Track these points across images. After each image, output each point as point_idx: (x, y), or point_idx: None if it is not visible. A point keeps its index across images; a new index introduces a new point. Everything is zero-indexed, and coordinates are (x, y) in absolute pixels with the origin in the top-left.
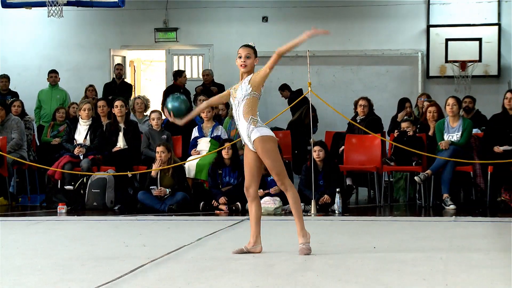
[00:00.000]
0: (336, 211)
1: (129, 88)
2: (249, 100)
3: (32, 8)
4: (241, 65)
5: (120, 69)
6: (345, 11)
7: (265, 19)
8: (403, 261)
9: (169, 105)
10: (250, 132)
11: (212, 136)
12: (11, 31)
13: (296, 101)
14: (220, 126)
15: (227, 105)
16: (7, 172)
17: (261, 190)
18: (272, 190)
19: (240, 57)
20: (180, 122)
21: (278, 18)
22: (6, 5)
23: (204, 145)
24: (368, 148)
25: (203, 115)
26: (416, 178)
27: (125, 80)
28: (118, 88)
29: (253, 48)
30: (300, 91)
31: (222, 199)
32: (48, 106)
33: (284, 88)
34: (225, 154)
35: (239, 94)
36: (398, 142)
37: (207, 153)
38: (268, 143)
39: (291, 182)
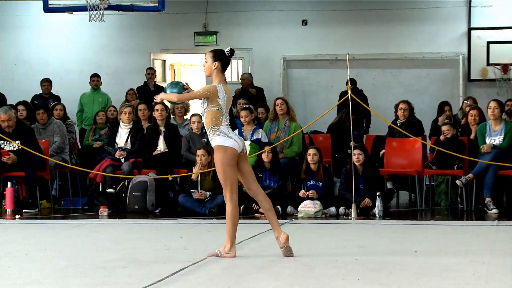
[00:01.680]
0: (377, 215)
1: (160, 90)
2: (208, 113)
3: (74, 12)
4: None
5: (151, 73)
6: (385, 14)
7: (304, 22)
8: (445, 265)
9: (168, 91)
10: (211, 140)
11: (252, 139)
12: (53, 36)
13: (337, 103)
14: (260, 130)
15: (267, 109)
16: (50, 175)
17: (303, 191)
18: (310, 193)
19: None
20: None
21: (318, 21)
22: (48, 10)
23: None
24: (409, 152)
25: (242, 119)
26: (457, 182)
27: (157, 83)
28: (151, 91)
29: (212, 52)
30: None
31: None
32: (90, 110)
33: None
34: (265, 157)
35: (200, 108)
36: (439, 145)
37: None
38: (217, 154)
39: (233, 197)
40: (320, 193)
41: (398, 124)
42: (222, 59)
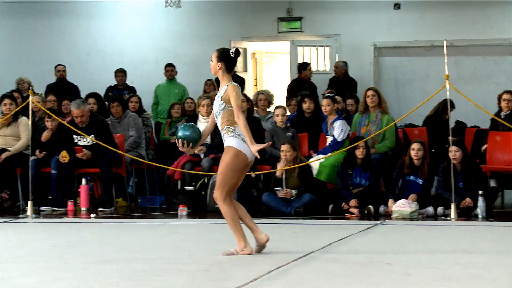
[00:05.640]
0: (480, 216)
1: (241, 81)
2: (224, 114)
3: None
4: None
5: None
6: None
7: (397, 6)
8: None
9: (180, 134)
10: (224, 140)
11: (332, 133)
12: (128, 23)
13: (434, 93)
14: (338, 121)
15: (357, 100)
16: (126, 172)
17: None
18: (410, 197)
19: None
20: (191, 151)
21: (411, 5)
22: None
23: None
24: None
25: (322, 108)
26: None
27: (238, 73)
28: None
29: (217, 51)
30: None
31: (353, 202)
32: (165, 102)
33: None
34: (360, 154)
35: (215, 109)
36: None
37: (332, 153)
38: (227, 155)
39: (226, 199)
40: (418, 191)
41: (502, 117)
42: (226, 59)
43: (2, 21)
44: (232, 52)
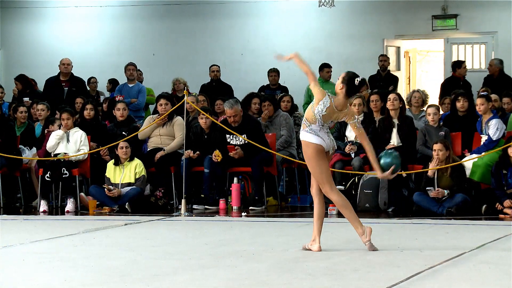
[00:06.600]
0: None
1: (394, 80)
2: (309, 108)
3: None
4: None
5: (384, 60)
6: None
7: None
8: None
9: (381, 161)
10: (300, 133)
11: (487, 133)
12: (281, 24)
13: None
14: (494, 120)
15: None
16: (277, 171)
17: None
18: None
19: None
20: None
21: None
22: None
23: None
24: None
25: (477, 107)
26: None
27: (391, 72)
28: (383, 80)
29: (345, 73)
30: None
31: (507, 202)
32: None
33: None
34: None
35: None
36: None
37: (487, 153)
38: (305, 150)
39: (333, 187)
40: None
41: None
42: (349, 85)
43: (159, 22)
44: (357, 80)
